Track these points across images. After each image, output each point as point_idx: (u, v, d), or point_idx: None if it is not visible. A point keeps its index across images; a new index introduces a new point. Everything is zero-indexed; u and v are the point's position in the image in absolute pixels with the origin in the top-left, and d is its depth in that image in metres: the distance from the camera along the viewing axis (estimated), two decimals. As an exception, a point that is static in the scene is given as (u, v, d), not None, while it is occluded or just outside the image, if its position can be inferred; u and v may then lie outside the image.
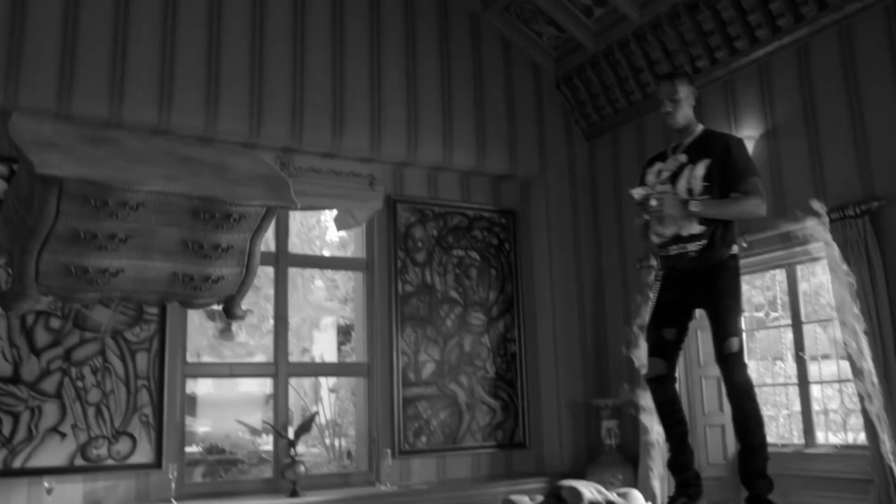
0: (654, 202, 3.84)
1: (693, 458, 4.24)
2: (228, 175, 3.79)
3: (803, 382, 6.12)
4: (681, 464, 4.08)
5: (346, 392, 9.16)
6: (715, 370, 6.53)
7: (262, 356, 9.15)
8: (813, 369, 6.17)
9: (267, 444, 8.77)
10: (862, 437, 5.99)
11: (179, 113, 5.62)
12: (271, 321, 11.06)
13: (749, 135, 6.03)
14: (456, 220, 6.95)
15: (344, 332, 10.91)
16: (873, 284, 5.06)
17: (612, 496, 5.33)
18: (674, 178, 4.02)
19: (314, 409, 8.04)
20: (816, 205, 5.10)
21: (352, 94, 6.34)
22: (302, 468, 5.68)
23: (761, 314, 6.88)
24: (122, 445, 5.42)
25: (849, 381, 6.12)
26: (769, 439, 6.44)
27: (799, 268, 6.18)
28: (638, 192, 4.06)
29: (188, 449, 6.17)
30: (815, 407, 6.13)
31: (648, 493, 5.94)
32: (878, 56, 5.27)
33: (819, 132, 5.60)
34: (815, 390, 6.12)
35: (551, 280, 7.05)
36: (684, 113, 4.16)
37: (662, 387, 4.05)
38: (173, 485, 5.37)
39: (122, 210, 3.36)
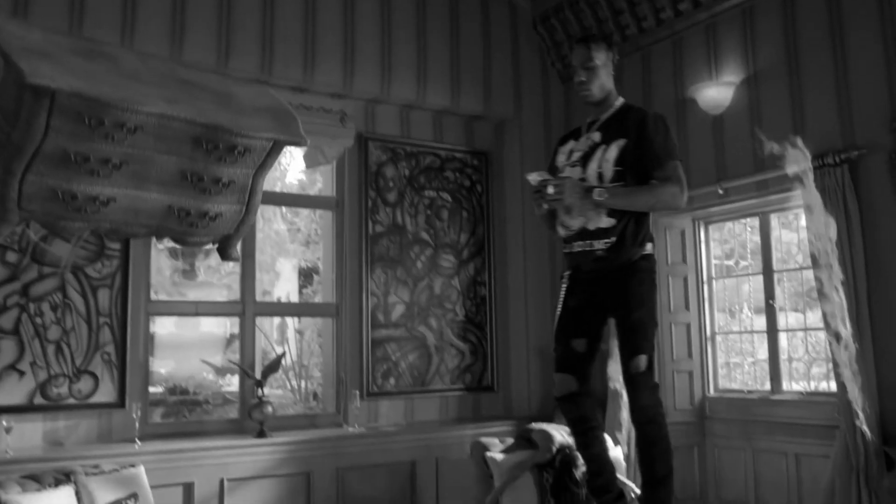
0: (551, 189, 3.20)
1: (614, 478, 3.73)
2: (233, 104, 3.48)
3: (772, 330, 6.17)
4: (599, 486, 3.57)
5: (312, 334, 9.06)
6: (685, 316, 6.62)
7: (222, 297, 9.01)
8: (780, 318, 6.21)
9: (230, 385, 8.68)
10: (826, 385, 6.09)
11: (144, 39, 5.36)
12: (225, 270, 10.95)
13: (730, 80, 5.95)
14: (428, 160, 6.80)
15: (305, 276, 10.78)
16: (849, 234, 5.06)
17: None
18: (585, 161, 3.45)
19: (280, 350, 7.93)
20: (799, 143, 5.01)
21: (324, 26, 6.10)
22: (269, 408, 5.59)
23: (731, 262, 6.89)
24: (84, 384, 5.26)
25: (817, 329, 6.20)
26: (733, 385, 6.61)
27: (773, 217, 6.19)
28: (533, 178, 3.47)
29: (150, 390, 6.02)
30: (782, 355, 6.19)
31: (615, 437, 5.97)
32: (864, 1, 5.18)
33: (801, 79, 5.53)
34: (781, 338, 6.17)
35: (523, 223, 6.97)
36: (601, 83, 3.57)
37: (574, 405, 3.46)
38: (137, 424, 5.25)
39: (118, 132, 3.04)
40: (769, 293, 6.18)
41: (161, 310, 6.10)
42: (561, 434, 5.31)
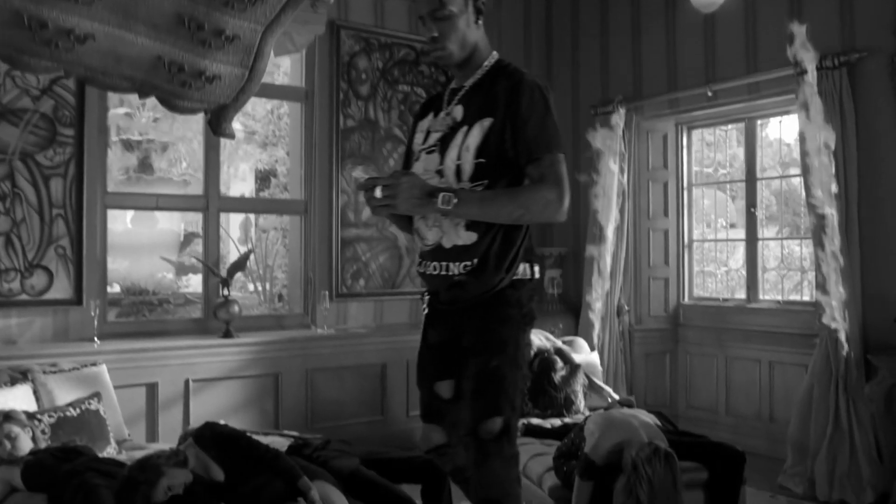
0: (378, 192, 2.23)
1: None
2: None
3: (752, 239, 6.08)
4: None
5: (277, 234, 8.75)
6: (663, 223, 6.49)
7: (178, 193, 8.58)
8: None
9: (189, 286, 8.40)
10: (798, 296, 6.06)
11: None
12: (185, 164, 10.49)
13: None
14: (402, 52, 6.42)
15: (262, 178, 10.39)
16: (844, 142, 4.91)
17: (559, 343, 5.25)
18: (444, 146, 2.45)
19: (244, 249, 7.64)
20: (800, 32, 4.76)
21: None
22: (235, 308, 5.35)
23: (710, 169, 6.74)
24: (38, 280, 4.95)
25: (798, 238, 6.13)
26: (704, 293, 6.56)
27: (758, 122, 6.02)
28: (358, 177, 2.72)
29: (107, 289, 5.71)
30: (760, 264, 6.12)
31: (589, 342, 5.89)
32: None
33: (803, -24, 5.27)
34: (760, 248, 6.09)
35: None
36: (461, 38, 2.46)
37: (446, 457, 2.61)
38: (96, 323, 4.97)
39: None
40: (751, 201, 6.05)
41: (119, 202, 5.71)
42: (539, 338, 5.20)
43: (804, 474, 4.97)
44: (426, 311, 2.51)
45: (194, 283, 8.42)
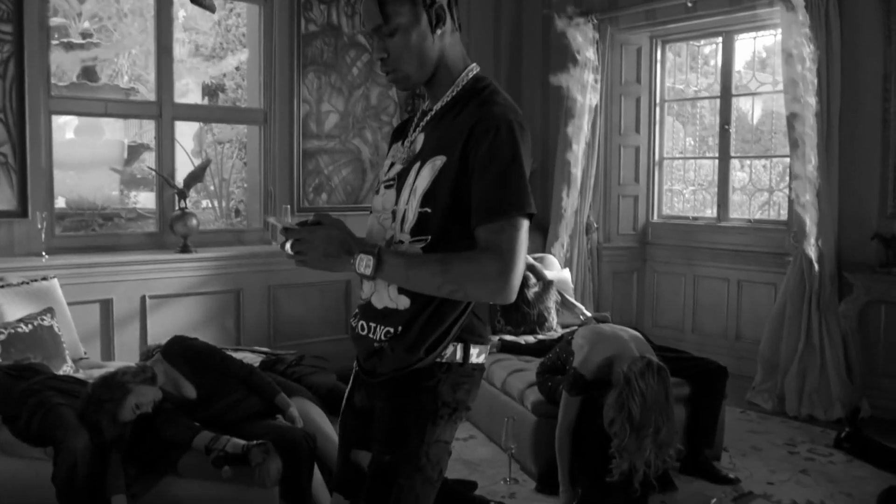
0: (288, 246, 1.81)
1: None
2: None
3: (724, 156, 5.98)
4: None
5: (233, 146, 8.35)
6: (634, 139, 6.35)
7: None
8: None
9: (139, 202, 8.00)
10: (767, 214, 6.01)
11: None
12: (126, 77, 9.92)
13: None
14: (367, -47, 6.04)
15: (210, 94, 9.90)
16: (828, 58, 4.77)
17: (531, 259, 5.13)
18: (401, 183, 1.91)
19: (198, 161, 7.24)
20: None
21: None
22: (194, 221, 5.07)
23: (682, 86, 6.58)
24: (-23, 189, 4.60)
25: (775, 156, 6.05)
26: (670, 211, 6.48)
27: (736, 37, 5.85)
28: (272, 222, 2.18)
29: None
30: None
31: (559, 260, 5.79)
32: None
33: None
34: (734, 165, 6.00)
35: (468, 32, 6.39)
36: (416, 55, 1.89)
37: None
38: (43, 236, 4.66)
39: None
40: (725, 118, 5.93)
41: (65, 108, 5.31)
42: (511, 255, 5.06)
43: (773, 391, 4.99)
44: (355, 369, 2.02)
45: (143, 200, 8.03)
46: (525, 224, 1.73)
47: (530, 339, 4.61)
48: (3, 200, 4.67)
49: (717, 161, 6.04)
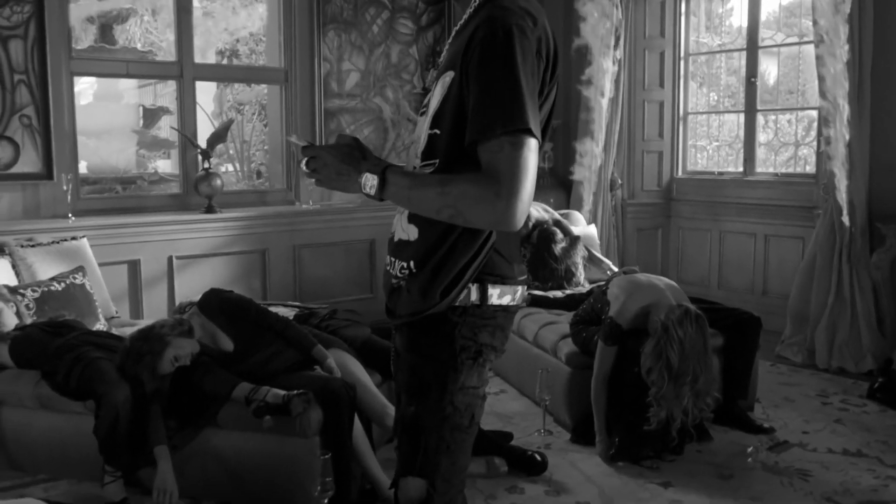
0: (304, 165, 1.75)
1: None
2: None
3: (751, 110, 5.89)
4: None
5: (254, 108, 8.29)
6: (658, 94, 6.27)
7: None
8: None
9: (158, 166, 7.98)
10: (798, 168, 5.94)
11: None
12: (139, 44, 9.84)
13: None
14: None
15: (226, 59, 9.83)
16: (861, 6, 4.66)
17: (557, 215, 5.09)
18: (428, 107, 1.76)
19: (218, 123, 7.20)
20: None
21: None
22: (218, 181, 5.06)
23: (706, 39, 6.48)
24: (3, 152, 4.58)
25: (802, 109, 5.97)
26: (695, 168, 6.41)
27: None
28: (293, 142, 2.13)
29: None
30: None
31: (585, 217, 5.75)
32: None
33: None
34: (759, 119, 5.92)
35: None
36: None
37: None
38: (69, 198, 4.66)
39: None
40: (751, 71, 5.84)
41: (86, 69, 5.28)
42: (538, 210, 5.02)
43: (803, 344, 4.96)
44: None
45: (163, 164, 8.02)
46: (528, 142, 1.51)
47: (558, 293, 4.59)
48: (28, 163, 4.67)
49: (742, 115, 5.95)
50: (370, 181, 1.62)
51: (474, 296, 1.66)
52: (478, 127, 1.53)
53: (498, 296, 1.68)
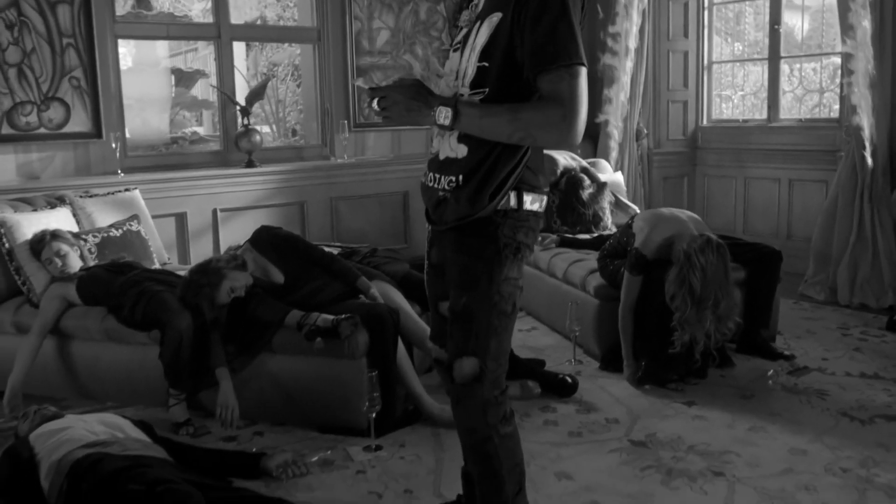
0: (375, 104, 2.00)
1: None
2: None
3: (774, 57, 5.98)
4: (467, 473, 2.30)
5: (287, 69, 8.49)
6: (683, 44, 6.37)
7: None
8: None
9: (200, 127, 8.22)
10: (824, 114, 6.03)
11: None
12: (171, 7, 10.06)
13: None
14: None
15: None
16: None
17: (584, 163, 5.26)
18: (465, 44, 2.05)
19: (254, 83, 7.42)
20: None
21: None
22: (257, 137, 5.28)
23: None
24: (55, 112, 4.83)
25: (826, 55, 6.04)
26: (723, 115, 6.53)
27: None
28: (359, 86, 2.23)
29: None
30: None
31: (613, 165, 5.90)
32: None
33: None
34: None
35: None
36: None
37: (448, 374, 2.12)
38: (118, 155, 4.91)
39: None
40: (775, 18, 5.92)
41: (129, 32, 5.48)
42: (564, 158, 5.19)
43: (826, 282, 5.11)
44: (428, 228, 2.21)
45: (203, 125, 8.27)
46: (582, 72, 1.84)
47: (586, 236, 4.77)
48: (79, 122, 4.91)
49: (766, 63, 6.05)
50: (444, 112, 1.90)
51: (513, 201, 1.96)
52: (540, 61, 1.83)
53: (530, 202, 1.99)
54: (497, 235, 1.96)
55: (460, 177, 1.97)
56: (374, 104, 1.99)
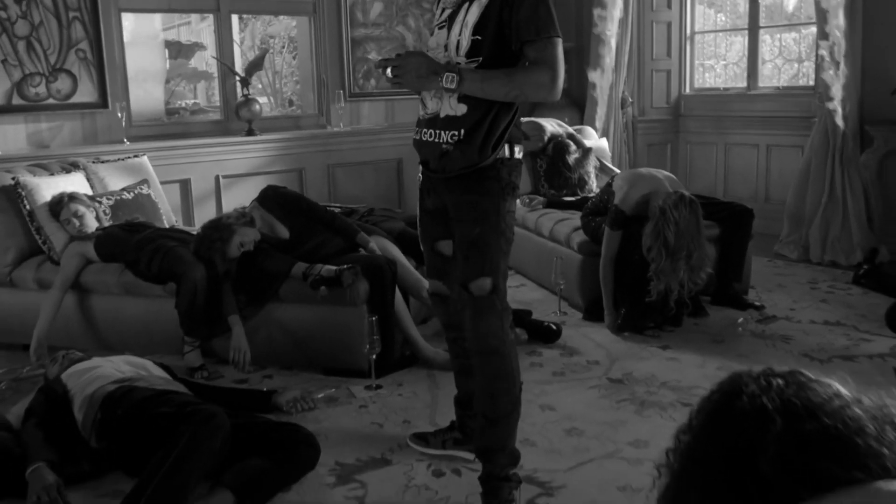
0: (389, 72, 2.36)
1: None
2: None
3: (754, 27, 6.22)
4: (459, 399, 2.83)
5: (282, 41, 8.68)
6: (666, 15, 6.59)
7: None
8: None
9: (199, 99, 8.42)
10: (803, 82, 6.28)
11: None
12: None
13: None
14: None
15: None
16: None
17: (571, 129, 5.50)
18: (452, 22, 2.45)
19: (251, 55, 7.62)
20: None
21: None
22: (257, 106, 5.51)
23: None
24: (62, 84, 5.05)
25: (804, 25, 6.28)
26: (706, 84, 6.77)
27: None
28: (372, 59, 2.68)
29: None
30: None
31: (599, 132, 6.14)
32: None
33: None
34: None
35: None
36: None
37: (444, 306, 2.71)
38: (123, 124, 5.14)
39: None
40: (754, -12, 6.14)
41: (131, 5, 5.68)
42: (552, 125, 5.44)
43: (799, 241, 5.39)
44: (420, 179, 2.59)
45: (202, 96, 8.46)
46: (559, 42, 2.34)
47: (571, 198, 5.03)
48: (86, 93, 5.13)
49: (747, 33, 6.29)
50: (450, 77, 2.29)
51: (506, 152, 2.39)
52: (528, 33, 2.30)
53: (518, 151, 2.43)
54: (500, 177, 2.38)
55: (462, 131, 2.35)
56: (388, 72, 2.35)
